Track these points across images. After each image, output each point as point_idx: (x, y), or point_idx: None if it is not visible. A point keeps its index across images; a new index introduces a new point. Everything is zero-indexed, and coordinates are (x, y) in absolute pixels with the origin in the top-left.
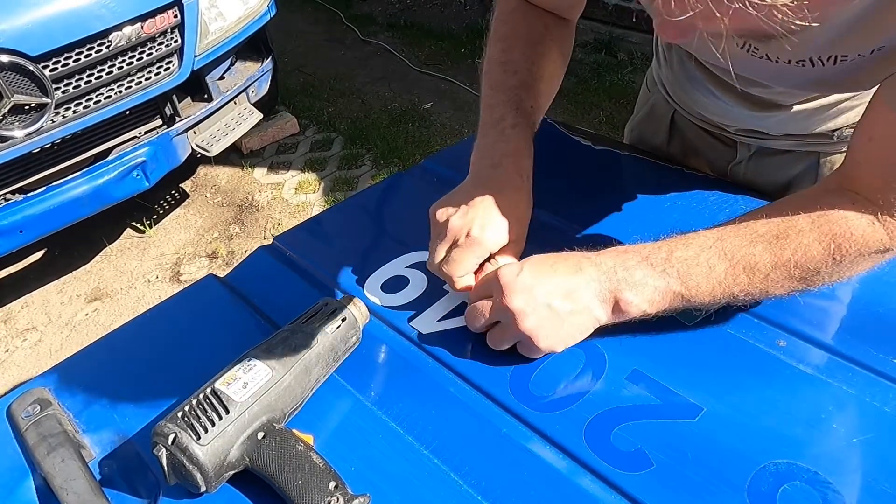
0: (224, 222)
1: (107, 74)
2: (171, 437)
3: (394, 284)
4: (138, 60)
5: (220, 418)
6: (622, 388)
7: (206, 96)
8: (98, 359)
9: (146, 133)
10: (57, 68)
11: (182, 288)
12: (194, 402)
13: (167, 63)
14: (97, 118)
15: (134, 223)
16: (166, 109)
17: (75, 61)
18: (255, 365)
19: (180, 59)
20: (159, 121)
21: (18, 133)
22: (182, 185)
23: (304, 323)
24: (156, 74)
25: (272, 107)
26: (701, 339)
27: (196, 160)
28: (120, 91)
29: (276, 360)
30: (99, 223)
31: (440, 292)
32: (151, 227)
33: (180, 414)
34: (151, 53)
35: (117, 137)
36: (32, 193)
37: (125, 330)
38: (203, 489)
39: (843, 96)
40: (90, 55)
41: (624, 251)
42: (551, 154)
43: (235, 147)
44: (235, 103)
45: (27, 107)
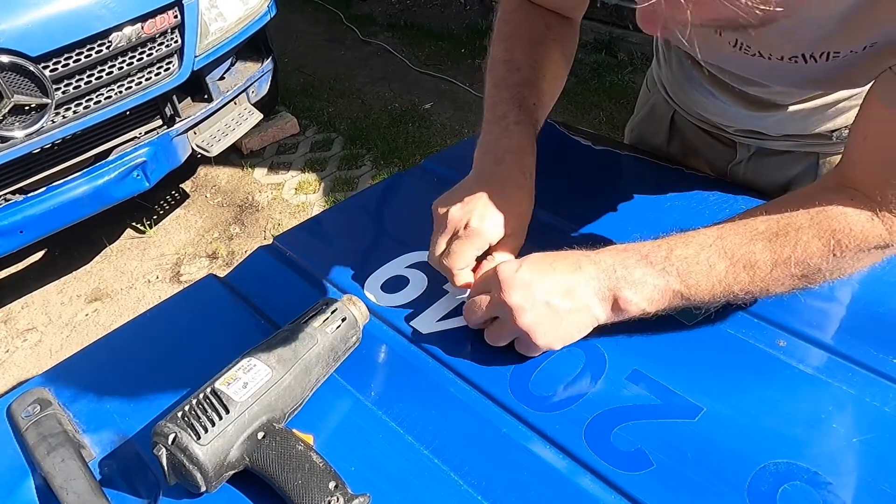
0: (224, 223)
1: (107, 75)
2: (171, 437)
3: (394, 284)
4: (138, 61)
5: (220, 418)
6: (622, 388)
7: (207, 97)
8: (98, 359)
9: (146, 133)
10: (57, 69)
11: (182, 288)
12: (194, 402)
13: (167, 63)
14: (97, 118)
15: (134, 223)
16: (166, 110)
17: (75, 62)
18: (255, 365)
19: (180, 60)
20: (159, 121)
21: (19, 133)
22: (182, 186)
23: (304, 323)
24: (156, 75)
25: (272, 107)
26: (701, 339)
27: (196, 160)
28: (120, 91)
29: (276, 360)
30: (99, 223)
31: (440, 292)
32: (152, 228)
33: (180, 414)
34: (152, 54)
35: (117, 138)
36: (33, 194)
37: (125, 330)
38: (203, 489)
39: (842, 96)
40: (90, 55)
41: (623, 249)
42: (551, 154)
43: (235, 147)
44: (235, 103)
45: (27, 107)
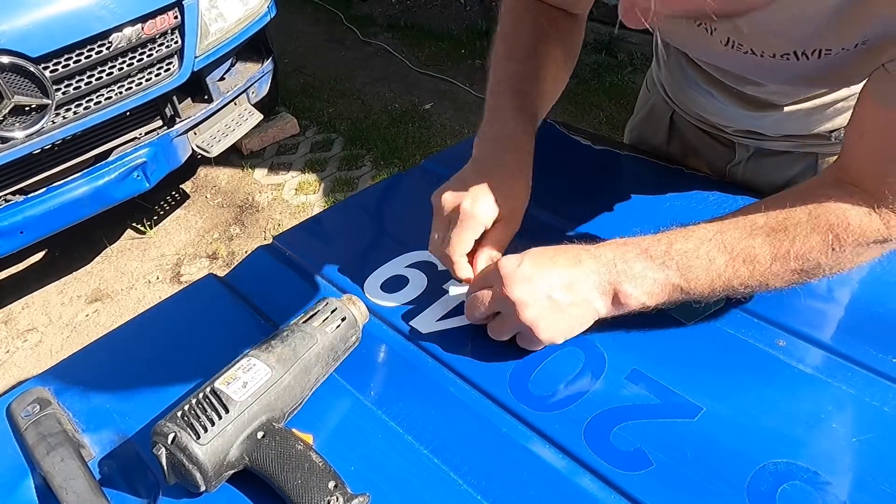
0: (224, 223)
1: (107, 75)
2: (171, 437)
3: (393, 284)
4: (139, 61)
5: (220, 418)
6: (622, 388)
7: (207, 97)
8: (97, 358)
9: (146, 134)
10: (57, 69)
11: (181, 288)
12: (194, 402)
13: (167, 64)
14: (98, 119)
15: (134, 224)
16: (167, 110)
17: (76, 62)
18: (255, 364)
19: (180, 60)
20: (160, 122)
21: (19, 134)
22: (182, 186)
23: (304, 322)
24: (156, 75)
25: (272, 108)
26: (701, 339)
27: (196, 161)
28: (120, 92)
29: (276, 360)
30: (99, 224)
31: (440, 292)
32: (152, 228)
33: (180, 413)
34: (152, 54)
35: (118, 138)
36: (33, 194)
37: (125, 329)
38: (202, 489)
39: (839, 96)
40: (90, 56)
41: (623, 243)
42: (551, 154)
43: (236, 148)
44: (236, 104)
45: (28, 108)
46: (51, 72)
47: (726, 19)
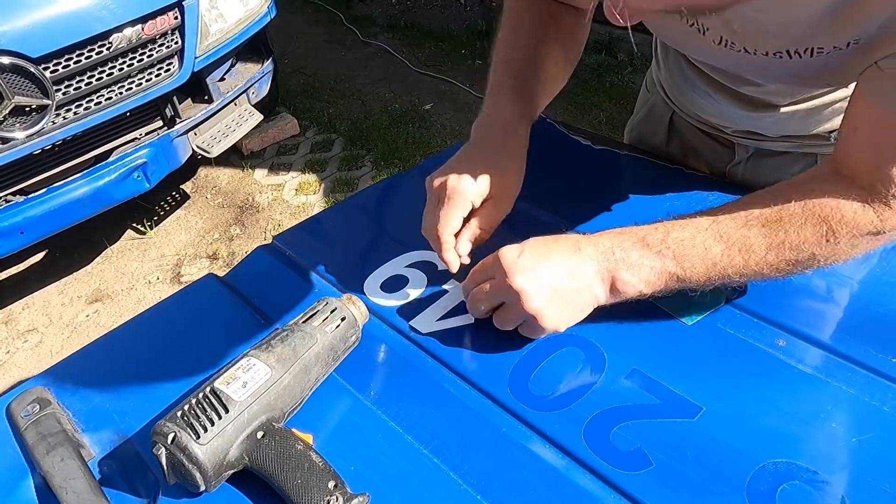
0: (225, 223)
1: (107, 76)
2: (171, 437)
3: (393, 284)
4: (139, 62)
5: (220, 417)
6: (622, 388)
7: (207, 98)
8: (97, 358)
9: (147, 134)
10: (58, 70)
11: (181, 288)
12: (194, 402)
13: (167, 64)
14: (98, 119)
15: (135, 224)
16: (167, 111)
17: (76, 63)
18: (255, 364)
19: (181, 61)
20: (160, 122)
21: (19, 134)
22: (183, 187)
23: (304, 322)
24: (156, 76)
25: (272, 108)
26: (700, 339)
27: (196, 161)
28: (120, 92)
29: (276, 360)
30: (100, 224)
31: (440, 292)
32: (152, 229)
33: (180, 413)
34: (152, 55)
35: (118, 139)
36: (33, 195)
37: (124, 329)
38: (202, 488)
39: (837, 97)
40: (91, 57)
41: (621, 232)
42: (551, 154)
43: (236, 148)
44: (236, 104)
45: (28, 108)
46: (51, 72)
47: (705, 15)
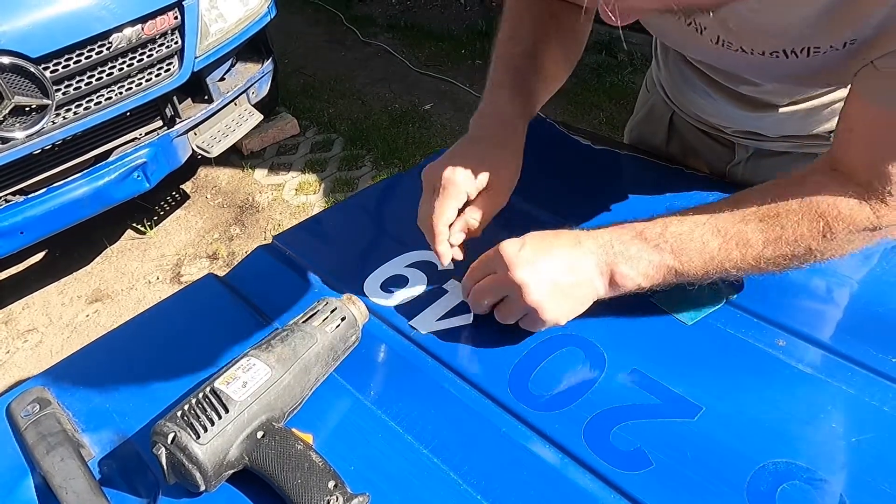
0: (224, 223)
1: (107, 76)
2: (171, 436)
3: (393, 284)
4: (139, 62)
5: (220, 417)
6: (621, 388)
7: (207, 97)
8: (97, 358)
9: (147, 134)
10: (58, 70)
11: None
12: (194, 402)
13: (167, 64)
14: (98, 119)
15: (135, 224)
16: (167, 111)
17: (76, 63)
18: (255, 364)
19: (181, 61)
20: (160, 122)
21: (19, 134)
22: (182, 187)
23: (304, 322)
24: (156, 76)
25: (272, 108)
26: (701, 339)
27: (196, 161)
28: (120, 92)
29: (276, 360)
30: (100, 224)
31: (440, 292)
32: (152, 229)
33: (180, 413)
34: (152, 55)
35: (118, 139)
36: (33, 195)
37: (124, 329)
38: (202, 488)
39: (837, 97)
40: (91, 56)
41: (620, 227)
42: (551, 154)
43: (236, 148)
44: (236, 104)
45: (28, 108)
46: (51, 72)
47: (700, 15)
